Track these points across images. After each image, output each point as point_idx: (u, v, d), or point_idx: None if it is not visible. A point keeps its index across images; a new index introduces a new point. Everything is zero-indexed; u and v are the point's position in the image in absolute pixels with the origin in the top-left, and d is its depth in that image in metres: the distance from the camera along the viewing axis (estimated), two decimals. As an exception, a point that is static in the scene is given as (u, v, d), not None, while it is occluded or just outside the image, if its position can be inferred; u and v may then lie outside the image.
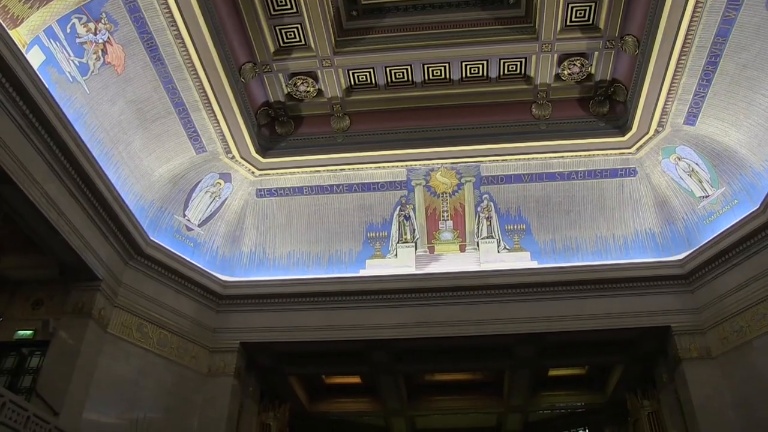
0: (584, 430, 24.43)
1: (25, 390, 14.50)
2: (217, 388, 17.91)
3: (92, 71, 14.62)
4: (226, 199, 19.40)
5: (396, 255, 19.59)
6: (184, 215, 18.59)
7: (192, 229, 18.83)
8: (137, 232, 16.83)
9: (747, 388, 15.82)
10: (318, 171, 19.51)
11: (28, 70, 12.46)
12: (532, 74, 17.73)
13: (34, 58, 13.10)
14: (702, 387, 16.62)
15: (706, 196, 17.58)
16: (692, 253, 17.57)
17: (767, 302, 15.63)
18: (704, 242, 17.31)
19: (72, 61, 14.11)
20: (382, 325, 18.53)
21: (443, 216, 19.79)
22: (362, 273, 19.32)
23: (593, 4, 16.00)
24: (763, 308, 15.72)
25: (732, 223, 16.54)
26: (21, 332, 15.68)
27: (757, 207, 15.74)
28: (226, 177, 19.07)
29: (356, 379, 23.78)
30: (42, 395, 13.84)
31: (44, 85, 13.01)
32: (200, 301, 18.59)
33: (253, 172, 19.28)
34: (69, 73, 14.13)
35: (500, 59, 17.47)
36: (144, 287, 17.36)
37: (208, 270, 18.76)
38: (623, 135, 18.08)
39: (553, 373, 23.07)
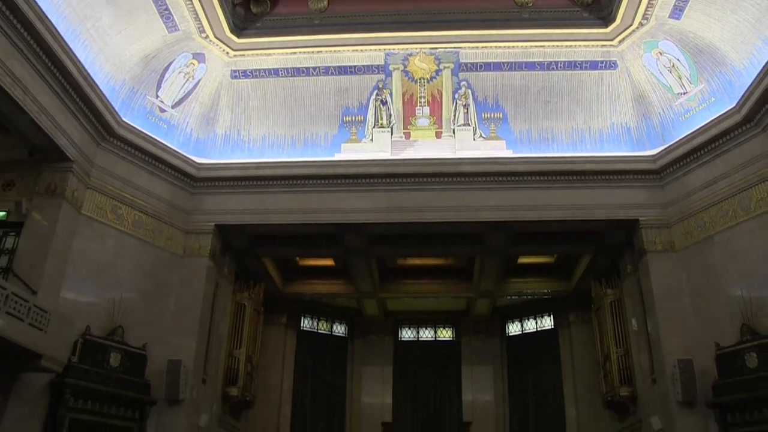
0: (549, 315, 25.29)
1: (1, 270, 14.62)
2: (193, 270, 18.18)
3: (53, -61, 13.70)
4: (200, 80, 18.88)
5: (371, 140, 19.49)
6: (157, 96, 18.10)
7: (165, 111, 18.41)
8: (108, 112, 16.38)
9: (702, 278, 16.54)
10: (294, 53, 18.93)
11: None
12: (517, -42, 17.10)
13: None
14: (663, 277, 17.25)
15: (684, 93, 17.49)
16: (665, 148, 17.69)
17: (732, 199, 15.95)
18: (678, 138, 17.39)
19: (29, -74, 13.13)
20: (356, 209, 18.69)
21: (420, 102, 19.55)
22: (337, 157, 19.27)
23: None
24: (727, 205, 16.09)
25: (707, 121, 16.58)
26: (-7, 213, 15.68)
27: (734, 105, 15.71)
28: (199, 57, 18.46)
29: (329, 262, 24.16)
30: (19, 275, 13.96)
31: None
32: (174, 183, 18.50)
33: (227, 53, 18.67)
34: (26, -60, 13.17)
35: (485, -60, 16.79)
36: (117, 169, 17.15)
37: (182, 152, 18.52)
38: (606, 27, 17.68)
39: (522, 260, 23.62)
